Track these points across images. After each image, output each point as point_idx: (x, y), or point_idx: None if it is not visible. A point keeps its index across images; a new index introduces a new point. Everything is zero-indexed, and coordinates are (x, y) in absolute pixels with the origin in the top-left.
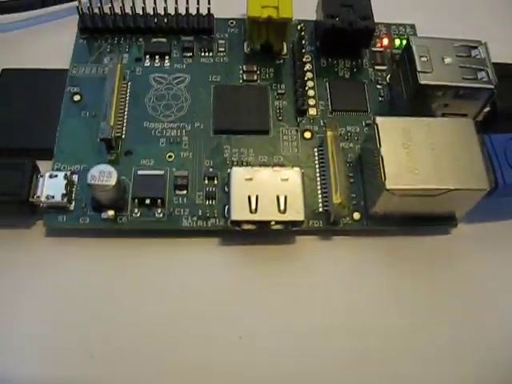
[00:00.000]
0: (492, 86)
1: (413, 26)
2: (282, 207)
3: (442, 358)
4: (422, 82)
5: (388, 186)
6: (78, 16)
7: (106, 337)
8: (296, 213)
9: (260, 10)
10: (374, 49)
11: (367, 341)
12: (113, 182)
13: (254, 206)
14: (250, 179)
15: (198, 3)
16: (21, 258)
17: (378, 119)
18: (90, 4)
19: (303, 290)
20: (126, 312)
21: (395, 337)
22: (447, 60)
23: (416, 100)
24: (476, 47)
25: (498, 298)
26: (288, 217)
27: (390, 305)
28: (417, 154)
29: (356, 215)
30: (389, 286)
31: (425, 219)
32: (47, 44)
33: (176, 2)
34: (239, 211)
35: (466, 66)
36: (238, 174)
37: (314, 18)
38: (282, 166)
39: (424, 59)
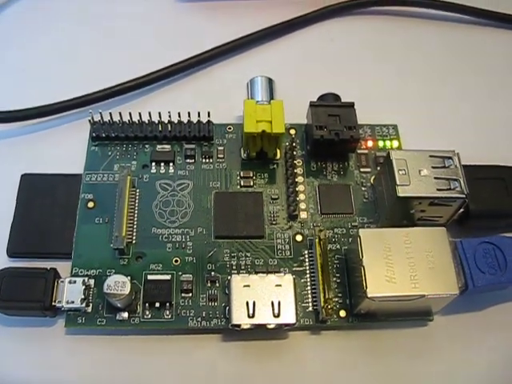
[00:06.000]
0: (464, 196)
1: (395, 127)
2: (276, 311)
3: None
4: (401, 194)
5: (369, 295)
6: (87, 119)
7: None
8: (288, 316)
9: (255, 125)
10: (359, 151)
11: None
12: (126, 291)
13: (251, 311)
14: (248, 286)
15: (198, 115)
16: (43, 355)
17: (361, 232)
18: (101, 116)
19: (295, 380)
20: None
21: None
22: (423, 172)
23: (396, 206)
24: (450, 157)
25: None
26: (281, 320)
27: None
28: (395, 263)
29: (342, 313)
30: (372, 375)
31: (404, 315)
32: (60, 148)
33: (179, 115)
34: (238, 316)
35: (440, 176)
36: (236, 281)
37: (305, 122)
38: (276, 270)
39: (402, 172)
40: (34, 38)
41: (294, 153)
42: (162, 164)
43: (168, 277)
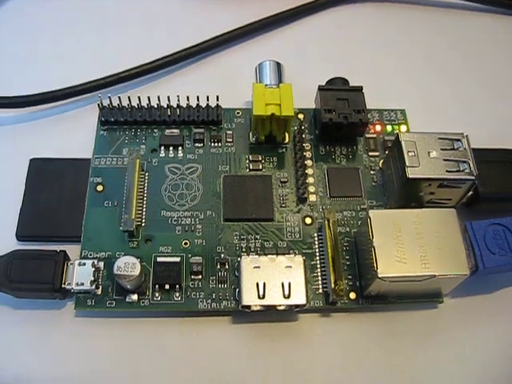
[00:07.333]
0: (473, 177)
1: (403, 112)
2: (287, 292)
3: None
4: (410, 176)
5: (380, 275)
6: (95, 104)
7: None
8: (299, 297)
9: (264, 108)
10: (367, 135)
11: None
12: (137, 272)
13: (261, 292)
14: (258, 267)
15: (207, 100)
16: (52, 336)
17: (371, 212)
18: (110, 100)
19: (306, 362)
20: None
21: None
22: (432, 154)
23: (405, 189)
24: (459, 140)
25: (483, 367)
26: (292, 301)
27: (384, 375)
28: (405, 244)
29: (352, 295)
30: (383, 357)
31: (414, 296)
32: (69, 132)
33: (188, 99)
34: (249, 297)
35: (449, 158)
36: (246, 263)
37: (314, 106)
38: (285, 253)
39: (411, 154)
40: (41, 25)
41: (303, 136)
42: (171, 148)
43: (177, 259)
